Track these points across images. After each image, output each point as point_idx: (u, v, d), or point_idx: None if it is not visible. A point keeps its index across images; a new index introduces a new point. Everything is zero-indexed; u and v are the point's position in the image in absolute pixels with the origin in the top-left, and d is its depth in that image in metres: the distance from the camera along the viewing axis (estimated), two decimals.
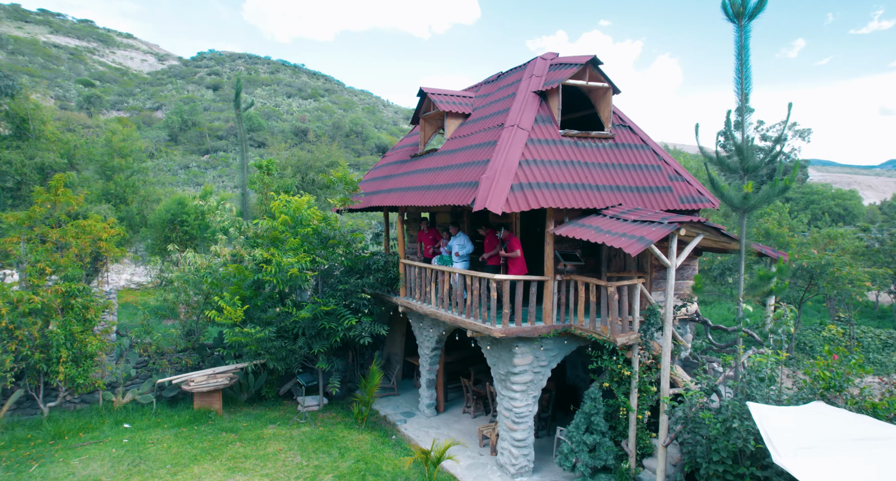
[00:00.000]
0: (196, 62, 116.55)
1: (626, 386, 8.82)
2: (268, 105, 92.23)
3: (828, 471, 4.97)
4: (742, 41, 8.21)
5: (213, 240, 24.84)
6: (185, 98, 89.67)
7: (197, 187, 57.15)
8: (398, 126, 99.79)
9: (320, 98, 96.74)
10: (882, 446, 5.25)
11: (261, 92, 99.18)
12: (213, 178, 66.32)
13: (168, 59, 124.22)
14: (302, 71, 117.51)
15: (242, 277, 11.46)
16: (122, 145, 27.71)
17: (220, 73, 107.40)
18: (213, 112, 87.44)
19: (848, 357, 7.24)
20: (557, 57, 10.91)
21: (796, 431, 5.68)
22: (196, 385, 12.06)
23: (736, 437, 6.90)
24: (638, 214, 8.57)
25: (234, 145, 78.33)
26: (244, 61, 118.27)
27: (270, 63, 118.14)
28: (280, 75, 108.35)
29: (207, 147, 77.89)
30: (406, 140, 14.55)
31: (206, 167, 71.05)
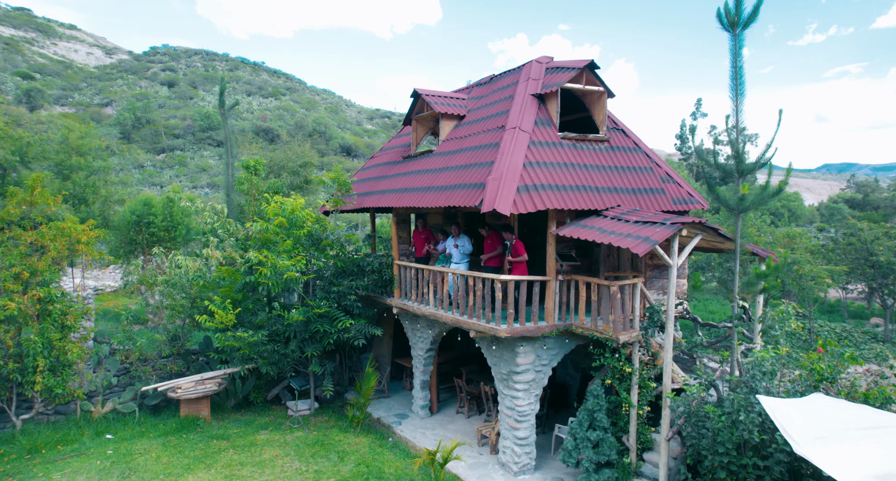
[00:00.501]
0: (149, 57, 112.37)
1: (627, 382, 9.06)
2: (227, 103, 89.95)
3: (844, 459, 5.26)
4: (736, 49, 8.58)
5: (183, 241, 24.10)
6: (138, 94, 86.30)
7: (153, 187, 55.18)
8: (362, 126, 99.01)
9: (281, 97, 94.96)
10: (888, 434, 5.59)
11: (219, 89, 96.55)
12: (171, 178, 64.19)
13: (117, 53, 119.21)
14: (262, 69, 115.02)
15: (233, 280, 11.18)
16: (79, 143, 26.52)
17: (175, 69, 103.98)
18: (169, 109, 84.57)
19: (838, 349, 7.66)
20: (553, 60, 11.11)
21: (807, 422, 5.99)
22: (184, 392, 11.69)
23: (742, 429, 7.21)
24: (638, 215, 8.82)
25: (191, 144, 75.93)
26: (201, 58, 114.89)
27: (229, 60, 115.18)
28: (239, 73, 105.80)
29: (163, 146, 75.24)
30: (395, 141, 14.49)
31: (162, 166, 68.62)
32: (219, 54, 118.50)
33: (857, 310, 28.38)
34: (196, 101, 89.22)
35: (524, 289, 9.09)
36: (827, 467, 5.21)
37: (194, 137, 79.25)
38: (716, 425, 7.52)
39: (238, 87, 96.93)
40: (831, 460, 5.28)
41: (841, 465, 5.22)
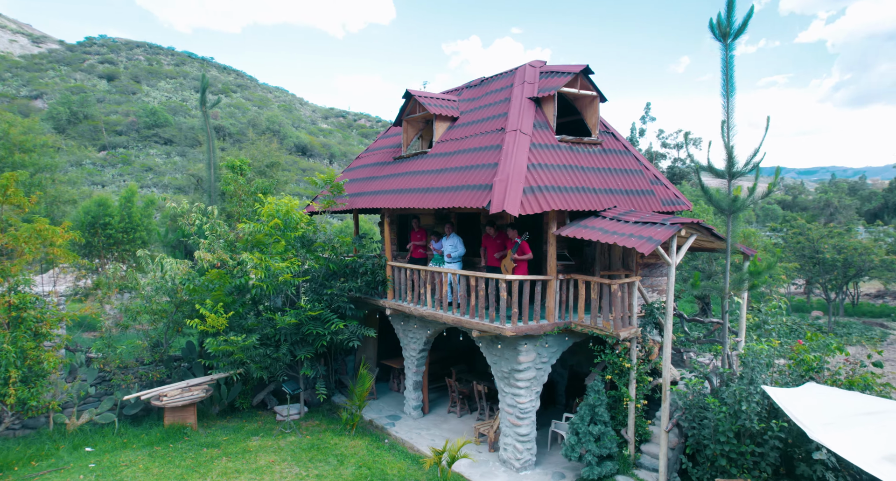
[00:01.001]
0: (84, 48, 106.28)
1: (626, 377, 9.40)
2: (173, 99, 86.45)
3: (854, 443, 5.69)
4: (727, 58, 9.07)
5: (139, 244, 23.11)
6: (73, 87, 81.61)
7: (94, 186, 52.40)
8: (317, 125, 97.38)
9: (232, 94, 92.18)
10: (888, 418, 6.08)
11: (165, 85, 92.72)
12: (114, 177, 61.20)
13: (46, 42, 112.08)
14: (211, 64, 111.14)
15: (222, 283, 10.86)
16: (22, 139, 25.04)
17: (114, 61, 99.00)
18: (110, 104, 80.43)
19: (824, 340, 8.24)
20: (545, 64, 11.36)
21: (812, 409, 6.43)
22: (170, 399, 11.26)
23: (744, 418, 7.64)
24: (636, 216, 9.17)
25: (136, 142, 72.55)
26: (143, 51, 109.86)
27: (175, 54, 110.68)
28: (186, 68, 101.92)
29: (104, 142, 71.58)
30: (382, 142, 14.42)
31: (103, 165, 65.27)
32: (163, 48, 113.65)
33: (799, 304, 30.26)
34: (140, 97, 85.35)
35: (527, 289, 9.28)
36: (840, 450, 5.63)
37: (139, 135, 75.70)
38: (717, 416, 7.94)
39: (185, 82, 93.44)
40: (843, 444, 5.71)
41: (852, 448, 5.65)
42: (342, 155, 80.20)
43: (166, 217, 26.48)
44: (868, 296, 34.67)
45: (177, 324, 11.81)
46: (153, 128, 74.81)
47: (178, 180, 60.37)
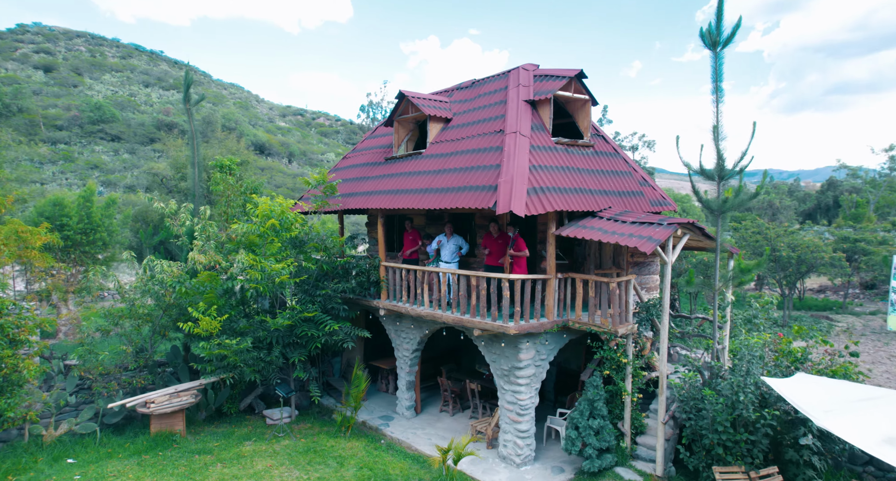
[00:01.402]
0: (16, 35, 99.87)
1: (622, 372, 9.75)
2: (120, 94, 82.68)
3: (855, 427, 6.15)
4: (717, 66, 9.54)
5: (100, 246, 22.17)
6: (4, 77, 76.77)
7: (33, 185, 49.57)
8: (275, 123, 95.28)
9: None
10: (880, 404, 6.58)
11: (110, 78, 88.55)
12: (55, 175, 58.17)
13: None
14: (161, 58, 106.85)
15: (214, 286, 10.59)
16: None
17: (52, 51, 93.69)
18: (48, 97, 76.17)
19: (808, 333, 8.80)
20: (538, 68, 11.60)
21: (811, 398, 6.89)
22: (157, 406, 10.89)
23: (741, 408, 8.08)
24: (633, 216, 9.52)
25: (79, 137, 69.03)
26: (85, 41, 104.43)
27: (120, 46, 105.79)
28: (133, 61, 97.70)
29: (43, 137, 67.78)
30: (370, 142, 14.34)
31: (42, 161, 61.84)
32: (107, 39, 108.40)
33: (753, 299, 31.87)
34: (82, 90, 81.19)
35: (528, 287, 9.49)
36: (844, 435, 6.07)
37: (83, 130, 72.05)
38: (715, 407, 8.36)
39: (133, 76, 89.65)
40: (845, 429, 6.16)
41: (854, 433, 6.10)
42: (301, 154, 78.79)
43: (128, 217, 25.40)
44: (811, 290, 36.89)
45: (163, 328, 11.42)
46: (98, 124, 71.34)
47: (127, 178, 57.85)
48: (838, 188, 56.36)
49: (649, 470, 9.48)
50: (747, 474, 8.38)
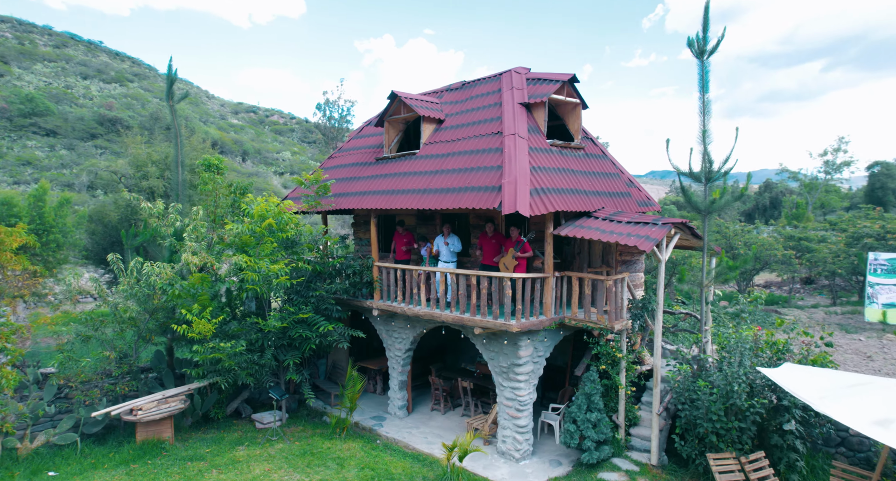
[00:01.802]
0: None
1: (617, 366, 10.14)
2: (55, 85, 78.03)
3: (849, 411, 6.67)
4: (703, 74, 10.06)
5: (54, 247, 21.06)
6: None
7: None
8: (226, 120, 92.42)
9: (128, 83, 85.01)
10: (867, 390, 7.15)
11: (42, 68, 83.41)
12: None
13: None
14: (100, 49, 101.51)
15: (206, 287, 10.30)
16: None
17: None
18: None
19: (789, 326, 9.42)
20: (529, 72, 11.86)
21: (805, 385, 7.40)
22: (146, 413, 10.50)
23: (735, 397, 8.58)
24: (627, 217, 9.91)
25: (8, 132, 64.81)
26: (11, 27, 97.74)
27: (53, 34, 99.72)
28: (69, 51, 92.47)
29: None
30: (356, 142, 14.23)
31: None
32: (37, 26, 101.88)
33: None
34: (9, 80, 76.18)
35: (528, 286, 9.73)
36: (840, 418, 6.57)
37: (12, 124, 67.68)
38: (709, 397, 8.84)
39: (70, 67, 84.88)
40: (841, 413, 6.67)
41: (849, 416, 6.62)
42: (256, 152, 76.77)
43: (83, 217, 24.17)
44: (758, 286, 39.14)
45: (150, 333, 11.01)
46: (30, 117, 67.18)
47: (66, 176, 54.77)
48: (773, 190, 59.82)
49: (644, 460, 9.90)
50: (738, 459, 8.90)
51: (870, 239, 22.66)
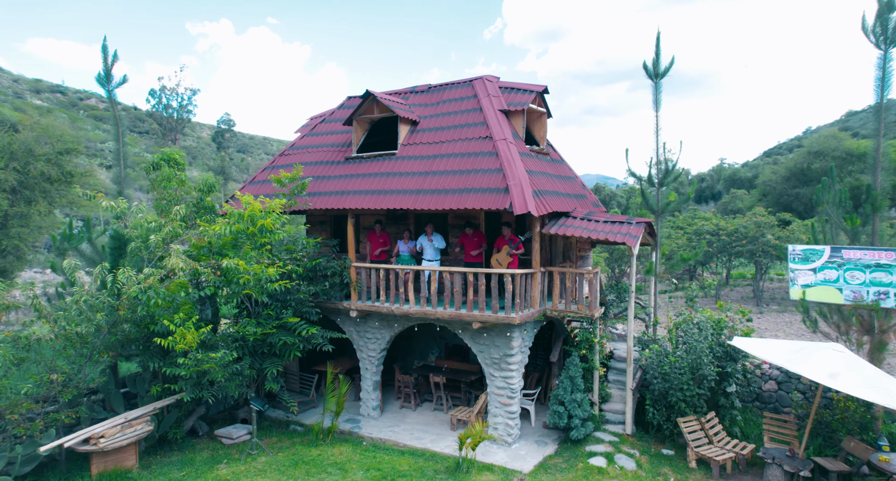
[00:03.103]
0: None
1: (593, 350, 11.32)
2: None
3: (809, 369, 8.46)
4: (657, 94, 11.68)
5: None
6: None
7: None
8: (25, 99, 78.97)
9: None
10: (809, 353, 9.06)
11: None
12: None
13: None
14: None
15: (190, 294, 9.36)
16: None
17: None
18: None
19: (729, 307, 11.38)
20: (499, 80, 12.56)
21: (767, 351, 9.15)
22: (109, 440, 9.23)
23: (705, 368, 10.19)
24: (602, 217, 11.14)
25: None
26: None
27: None
28: None
29: None
30: (311, 140, 13.64)
31: None
32: None
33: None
34: None
35: (522, 281, 10.46)
36: (807, 374, 8.32)
37: None
38: (680, 370, 10.37)
39: None
40: (805, 370, 8.43)
41: (811, 372, 8.40)
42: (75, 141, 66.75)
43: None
44: None
45: (107, 349, 9.61)
46: None
47: None
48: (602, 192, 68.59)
49: (619, 431, 11.22)
50: (699, 420, 10.59)
51: (708, 235, 27.30)
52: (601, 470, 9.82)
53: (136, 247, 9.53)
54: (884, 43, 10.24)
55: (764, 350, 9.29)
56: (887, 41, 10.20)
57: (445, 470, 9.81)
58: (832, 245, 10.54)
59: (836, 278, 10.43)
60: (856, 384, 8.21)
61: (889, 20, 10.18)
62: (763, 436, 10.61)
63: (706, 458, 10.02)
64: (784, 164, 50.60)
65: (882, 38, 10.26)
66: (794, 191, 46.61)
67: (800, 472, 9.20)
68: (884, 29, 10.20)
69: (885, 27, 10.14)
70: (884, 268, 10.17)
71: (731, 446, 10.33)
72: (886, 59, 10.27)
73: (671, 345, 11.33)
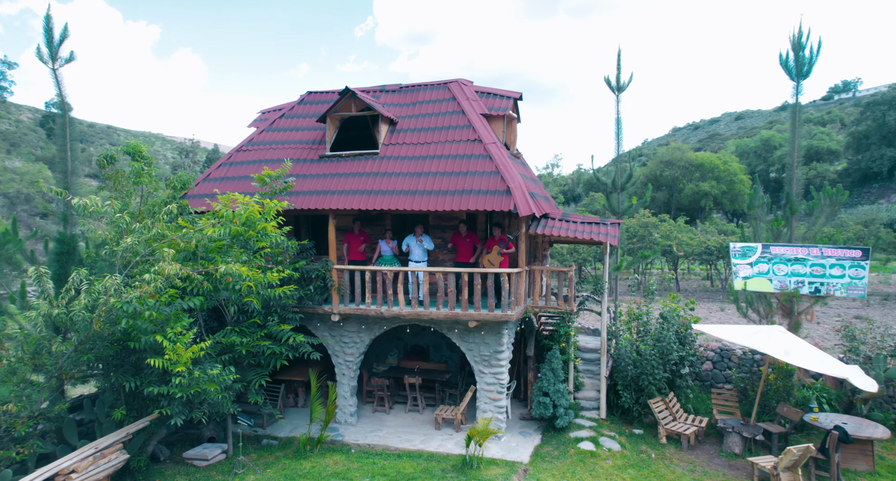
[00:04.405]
0: None
1: (569, 343, 12.07)
2: None
3: (766, 347, 9.92)
4: (618, 107, 12.77)
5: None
6: None
7: None
8: None
9: None
10: (762, 335, 10.59)
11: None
12: None
13: None
14: None
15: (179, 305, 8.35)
16: None
17: None
18: None
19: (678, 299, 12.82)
20: (473, 84, 12.81)
21: (729, 335, 10.52)
22: (81, 475, 7.99)
23: (674, 353, 11.38)
24: (578, 218, 11.95)
25: None
26: None
27: None
28: None
29: None
30: (270, 136, 12.63)
31: None
32: None
33: None
34: None
35: (515, 279, 10.88)
36: (767, 351, 9.74)
37: None
38: (651, 357, 11.48)
39: None
40: (765, 349, 9.87)
41: (769, 350, 9.85)
42: None
43: None
44: None
45: (74, 370, 8.22)
46: None
47: None
48: None
49: (594, 416, 12.10)
50: (664, 400, 11.81)
51: None
52: (593, 454, 10.56)
53: (110, 250, 8.29)
54: (797, 76, 12.27)
55: (727, 334, 10.66)
56: (801, 74, 12.23)
57: (452, 468, 9.89)
58: (762, 243, 12.39)
59: (766, 271, 12.27)
60: (804, 358, 9.80)
61: (802, 57, 12.22)
62: (713, 410, 12.14)
63: (675, 433, 11.24)
64: (642, 171, 56.98)
65: (795, 72, 12.28)
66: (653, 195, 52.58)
67: (756, 437, 10.72)
68: (797, 64, 12.21)
69: (799, 63, 12.15)
70: (800, 261, 12.18)
71: (691, 421, 11.67)
72: (798, 90, 12.30)
73: (634, 334, 12.48)
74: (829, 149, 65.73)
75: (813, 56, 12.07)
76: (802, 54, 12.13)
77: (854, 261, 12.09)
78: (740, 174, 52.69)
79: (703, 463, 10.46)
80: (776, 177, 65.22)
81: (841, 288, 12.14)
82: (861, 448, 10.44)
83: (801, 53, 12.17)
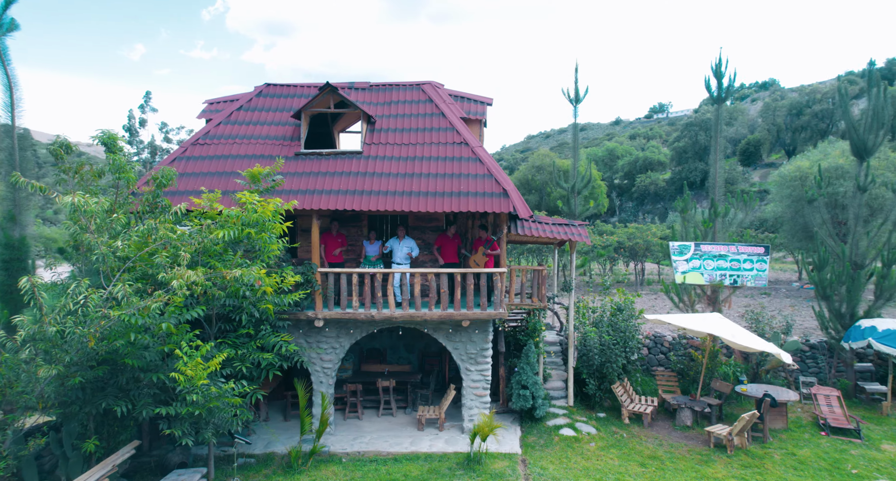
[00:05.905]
0: None
1: (541, 338, 12.74)
2: None
3: (720, 331, 11.43)
4: (575, 116, 13.71)
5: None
6: None
7: None
8: None
9: None
10: (710, 320, 12.12)
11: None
12: None
13: None
14: None
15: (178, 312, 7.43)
16: None
17: None
18: None
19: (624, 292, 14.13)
20: (444, 87, 12.86)
21: (687, 322, 11.90)
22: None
23: (634, 343, 12.54)
24: (547, 219, 12.65)
25: None
26: None
27: None
28: None
29: None
30: (229, 130, 11.43)
31: None
32: None
33: None
34: None
35: (503, 278, 11.26)
36: (723, 336, 11.23)
37: None
38: (614, 347, 12.54)
39: None
40: (721, 333, 11.35)
41: (724, 334, 11.35)
42: None
43: None
44: None
45: (60, 395, 6.90)
46: None
47: None
48: None
49: (563, 404, 12.90)
50: (622, 385, 12.98)
51: None
52: (576, 439, 11.33)
53: (101, 254, 7.10)
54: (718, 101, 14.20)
55: (680, 321, 12.03)
56: (720, 99, 14.17)
57: (458, 466, 10.02)
58: (695, 242, 14.14)
59: (699, 266, 14.03)
60: (745, 340, 11.47)
61: (722, 83, 14.16)
62: (658, 390, 13.60)
63: (635, 413, 12.45)
64: (516, 175, 60.54)
65: (717, 96, 14.20)
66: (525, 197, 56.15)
67: (704, 410, 12.26)
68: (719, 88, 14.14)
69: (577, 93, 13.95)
70: (723, 257, 14.12)
71: (646, 401, 12.97)
72: (720, 112, 14.24)
73: (590, 325, 13.52)
74: (659, 161, 75.18)
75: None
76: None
77: (759, 257, 14.30)
78: (598, 180, 58.33)
79: (664, 437, 11.72)
80: (619, 183, 73.79)
81: (751, 279, 14.28)
82: (779, 410, 12.43)
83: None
